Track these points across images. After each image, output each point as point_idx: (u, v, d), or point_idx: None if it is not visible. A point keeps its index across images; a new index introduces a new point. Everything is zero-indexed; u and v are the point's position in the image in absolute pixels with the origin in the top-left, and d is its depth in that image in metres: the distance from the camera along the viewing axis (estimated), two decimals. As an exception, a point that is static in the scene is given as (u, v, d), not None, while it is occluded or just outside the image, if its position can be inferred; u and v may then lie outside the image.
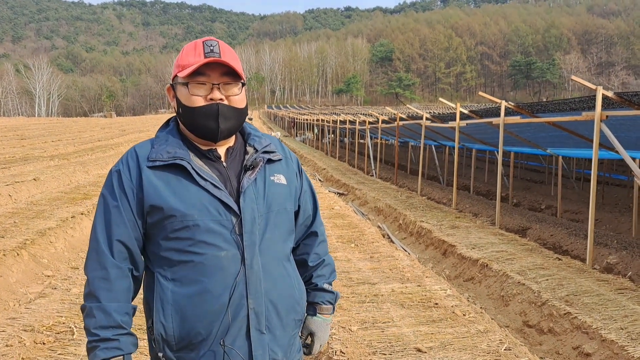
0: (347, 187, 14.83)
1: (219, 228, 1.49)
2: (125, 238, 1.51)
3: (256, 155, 1.60)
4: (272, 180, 1.61)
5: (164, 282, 1.50)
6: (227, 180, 1.55)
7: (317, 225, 1.81)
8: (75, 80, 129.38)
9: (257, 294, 1.51)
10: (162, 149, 1.54)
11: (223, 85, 1.55)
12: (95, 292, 1.47)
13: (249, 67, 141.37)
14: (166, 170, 1.51)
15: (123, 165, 1.55)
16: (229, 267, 1.49)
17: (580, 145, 9.37)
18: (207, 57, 1.52)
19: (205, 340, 1.49)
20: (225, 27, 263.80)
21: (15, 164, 14.36)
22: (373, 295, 4.79)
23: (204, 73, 1.53)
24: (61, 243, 6.91)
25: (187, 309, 1.48)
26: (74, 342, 3.67)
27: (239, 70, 1.55)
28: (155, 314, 1.50)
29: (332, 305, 1.82)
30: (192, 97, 1.54)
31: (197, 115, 1.54)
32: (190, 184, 1.50)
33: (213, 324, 1.48)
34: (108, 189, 1.55)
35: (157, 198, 1.50)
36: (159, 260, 1.53)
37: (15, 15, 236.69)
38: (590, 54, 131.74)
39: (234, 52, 1.60)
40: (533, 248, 7.14)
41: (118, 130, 37.75)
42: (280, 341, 1.57)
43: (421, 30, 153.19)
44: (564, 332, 4.63)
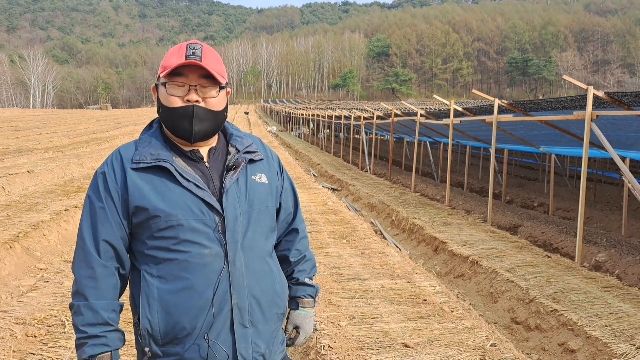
0: (340, 183, 14.88)
1: (202, 227, 1.55)
2: (111, 238, 1.56)
3: (238, 156, 1.65)
4: (254, 179, 1.66)
5: (150, 279, 1.55)
6: (209, 180, 1.60)
7: (297, 222, 1.87)
8: (71, 71, 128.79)
9: (240, 289, 1.56)
10: (146, 151, 1.59)
11: (200, 88, 1.58)
12: (82, 290, 1.53)
13: (245, 61, 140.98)
14: (150, 172, 1.56)
15: (108, 167, 1.59)
16: (213, 264, 1.54)
17: (572, 144, 9.44)
18: (188, 59, 1.56)
19: (190, 335, 1.54)
20: (222, 20, 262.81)
21: (9, 155, 14.33)
22: (363, 291, 4.84)
23: (182, 74, 1.57)
24: (54, 236, 6.94)
25: (172, 304, 1.53)
26: (65, 335, 3.71)
27: (215, 74, 1.58)
28: (142, 310, 1.55)
29: (313, 299, 1.89)
30: (169, 97, 1.58)
31: (173, 116, 1.58)
32: (173, 185, 1.55)
33: (197, 319, 1.53)
34: (93, 191, 1.60)
35: (141, 199, 1.55)
36: (144, 258, 1.58)
37: (10, 5, 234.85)
38: (587, 52, 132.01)
39: (217, 57, 1.63)
40: (523, 245, 7.21)
41: (113, 123, 37.63)
42: (263, 335, 1.63)
43: (418, 26, 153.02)
44: (551, 329, 4.70)
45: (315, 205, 9.54)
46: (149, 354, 1.57)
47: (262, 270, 1.64)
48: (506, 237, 7.75)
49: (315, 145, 30.58)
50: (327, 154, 25.07)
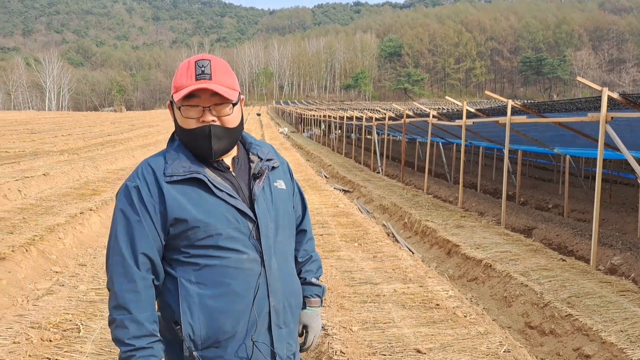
0: (352, 184, 14.85)
1: (238, 234, 1.61)
2: (149, 251, 1.59)
3: (261, 164, 1.72)
4: (276, 186, 1.74)
5: (189, 285, 1.60)
6: (238, 189, 1.66)
7: (305, 224, 1.95)
8: (86, 74, 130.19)
9: (277, 292, 1.65)
10: (177, 164, 1.63)
11: (214, 107, 1.61)
12: (125, 304, 1.56)
13: (257, 62, 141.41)
14: (184, 184, 1.61)
15: (140, 181, 1.62)
16: (252, 269, 1.62)
17: (587, 145, 9.34)
18: (198, 79, 1.59)
19: (231, 338, 1.60)
20: (235, 22, 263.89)
21: (25, 158, 14.53)
22: (375, 295, 4.83)
23: (195, 95, 1.60)
24: (70, 239, 7.02)
25: (214, 309, 1.58)
26: (80, 340, 3.75)
27: (227, 94, 1.60)
28: (183, 316, 1.59)
29: (320, 298, 1.94)
30: (185, 119, 1.63)
31: (192, 137, 1.63)
32: (208, 196, 1.61)
33: (239, 322, 1.60)
34: (127, 205, 1.61)
35: (180, 211, 1.58)
36: (182, 266, 1.62)
37: (25, 8, 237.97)
38: (602, 51, 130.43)
39: (227, 69, 1.65)
40: (538, 249, 7.14)
41: (128, 125, 37.97)
42: (294, 334, 1.75)
43: (431, 26, 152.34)
44: (565, 334, 4.65)
45: (327, 208, 9.54)
46: (191, 359, 1.59)
47: (290, 272, 1.75)
48: (520, 240, 7.68)
49: (326, 147, 30.57)
50: (339, 155, 25.05)
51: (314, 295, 1.91)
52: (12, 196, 9.26)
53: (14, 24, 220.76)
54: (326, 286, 5.04)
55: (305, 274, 1.91)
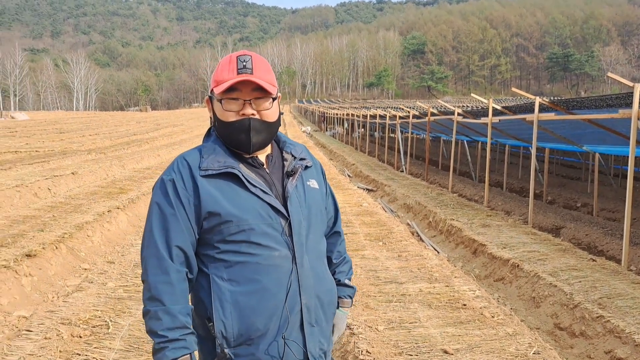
0: (376, 183, 14.78)
1: (271, 231, 1.62)
2: (183, 244, 1.60)
3: (295, 163, 1.73)
4: (309, 185, 1.75)
5: (221, 282, 1.60)
6: (272, 185, 1.67)
7: (338, 226, 1.97)
8: (112, 74, 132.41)
9: (308, 290, 1.65)
10: (212, 158, 1.64)
11: (254, 100, 1.64)
12: (159, 296, 1.56)
13: (280, 61, 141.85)
14: (219, 178, 1.62)
15: (176, 174, 1.63)
16: (283, 266, 1.62)
17: (618, 142, 9.11)
18: (240, 73, 1.62)
19: (263, 335, 1.60)
20: (257, 22, 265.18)
21: (54, 157, 14.83)
22: (400, 294, 4.79)
23: (236, 89, 1.63)
24: (98, 237, 7.13)
25: (246, 306, 1.58)
26: (109, 336, 3.80)
27: (268, 87, 1.63)
28: (215, 313, 1.59)
29: (351, 299, 1.95)
30: (225, 112, 1.65)
31: (231, 129, 1.65)
32: (241, 190, 1.62)
33: (271, 320, 1.60)
34: (163, 198, 1.63)
35: (214, 205, 1.59)
36: (214, 262, 1.62)
37: (54, 11, 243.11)
38: (631, 46, 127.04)
39: (267, 65, 1.68)
40: (566, 248, 7.00)
41: (153, 125, 38.48)
42: (325, 332, 1.73)
43: (455, 22, 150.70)
44: (596, 336, 4.55)
45: (351, 207, 9.51)
46: (222, 356, 1.59)
47: (322, 271, 1.73)
48: (548, 240, 7.54)
49: (349, 145, 30.50)
50: (362, 153, 24.97)
51: (346, 296, 1.92)
52: (42, 194, 9.46)
53: (43, 26, 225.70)
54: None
55: (339, 275, 1.91)
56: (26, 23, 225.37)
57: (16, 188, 9.10)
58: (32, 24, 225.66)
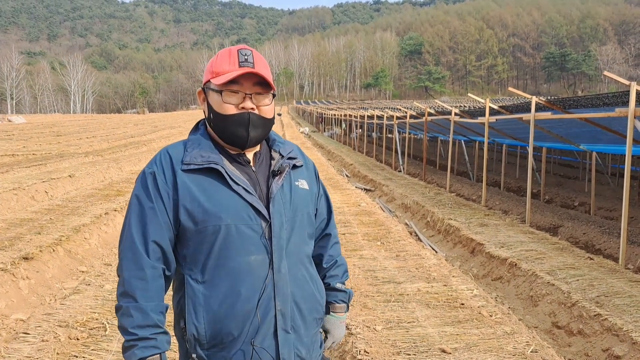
0: (374, 183, 14.79)
1: (249, 232, 1.55)
2: (160, 239, 1.55)
3: (282, 161, 1.67)
4: (297, 185, 1.68)
5: (195, 285, 1.55)
6: (256, 184, 1.61)
7: (330, 228, 1.89)
8: (109, 77, 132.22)
9: (284, 296, 1.58)
10: (196, 152, 1.58)
11: (255, 95, 1.60)
12: (131, 291, 1.51)
13: (277, 62, 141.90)
14: (200, 174, 1.56)
15: (157, 167, 1.58)
16: (258, 271, 1.55)
17: (615, 141, 9.14)
18: (242, 66, 1.58)
19: (236, 340, 1.55)
20: (255, 23, 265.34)
21: (51, 160, 14.81)
22: (398, 294, 4.79)
23: (237, 82, 1.59)
24: (95, 239, 7.12)
25: (218, 310, 1.54)
26: (107, 338, 3.80)
27: (271, 82, 1.61)
28: (188, 316, 1.56)
29: (346, 304, 1.88)
30: (224, 104, 1.59)
31: (229, 123, 1.59)
32: (223, 188, 1.56)
33: (244, 325, 1.54)
34: (142, 190, 1.58)
35: (191, 201, 1.54)
36: (189, 263, 1.58)
37: (50, 13, 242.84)
38: (628, 45, 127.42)
39: (266, 62, 1.65)
40: (564, 247, 7.01)
41: (150, 127, 38.44)
42: (304, 339, 1.65)
43: (451, 23, 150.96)
44: (594, 334, 4.55)
45: (349, 207, 9.51)
46: (194, 358, 1.57)
47: (304, 276, 1.66)
48: (546, 239, 7.55)
49: (347, 146, 30.52)
50: (360, 154, 24.98)
51: (339, 300, 1.86)
52: (39, 197, 9.45)
53: (39, 29, 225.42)
54: (349, 284, 5.02)
55: (330, 279, 1.85)
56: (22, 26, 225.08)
57: (13, 191, 9.09)
58: (29, 27, 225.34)
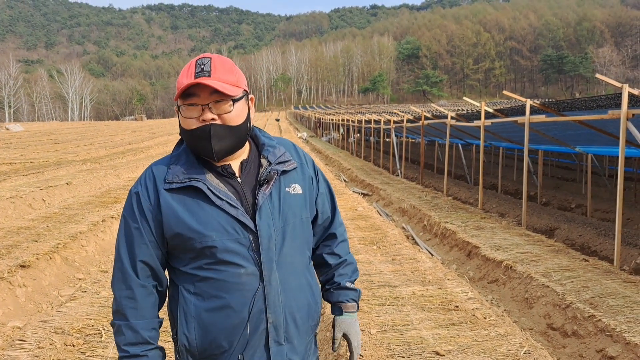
0: (371, 188, 14.82)
1: (236, 247, 1.54)
2: (148, 258, 1.57)
3: (270, 169, 1.61)
4: (288, 191, 1.62)
5: (187, 296, 1.56)
6: (242, 197, 1.57)
7: (335, 227, 1.84)
8: (107, 84, 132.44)
9: (276, 308, 1.56)
10: (178, 170, 1.57)
11: (214, 104, 1.53)
12: (122, 310, 1.55)
13: (275, 68, 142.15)
14: (182, 193, 1.55)
15: (141, 187, 1.59)
16: (248, 284, 1.54)
17: (610, 143, 9.18)
18: (198, 77, 1.52)
19: (226, 352, 1.55)
20: (252, 29, 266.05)
21: (48, 168, 14.83)
22: (393, 297, 4.82)
23: (193, 94, 1.53)
24: (92, 246, 7.14)
25: (209, 322, 1.54)
26: (102, 345, 3.82)
27: (224, 89, 1.52)
28: (179, 326, 1.57)
29: (356, 303, 1.86)
30: (185, 120, 1.56)
31: (192, 137, 1.56)
32: (206, 205, 1.54)
33: (234, 337, 1.54)
34: (128, 211, 1.59)
35: (175, 220, 1.54)
36: (182, 275, 1.59)
37: (48, 21, 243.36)
38: (625, 47, 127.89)
39: (229, 66, 1.58)
40: (559, 249, 7.04)
41: (148, 133, 38.48)
42: (298, 349, 1.63)
43: (448, 27, 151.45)
44: (588, 335, 4.58)
45: (345, 211, 9.54)
46: None
47: (298, 286, 1.63)
48: (541, 241, 7.58)
49: (345, 150, 30.57)
50: (358, 158, 25.03)
51: (350, 299, 1.83)
52: (36, 205, 9.46)
53: (37, 37, 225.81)
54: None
55: (339, 278, 1.82)
56: (20, 34, 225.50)
57: (10, 199, 9.10)
58: (26, 35, 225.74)
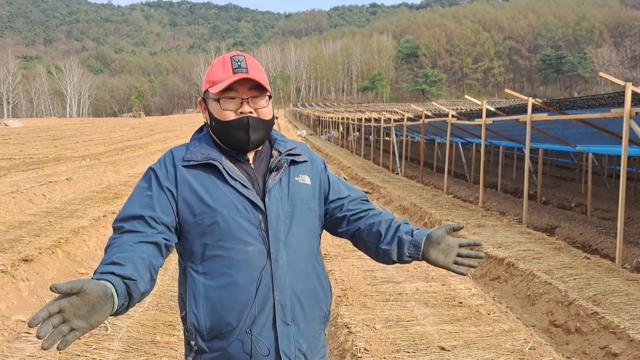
0: (371, 186, 14.83)
1: (246, 224, 1.61)
2: (152, 214, 1.57)
3: (280, 158, 1.71)
4: (297, 180, 1.71)
5: (195, 276, 1.61)
6: (254, 180, 1.67)
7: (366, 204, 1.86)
8: (105, 81, 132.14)
9: (283, 287, 1.61)
10: (197, 150, 1.67)
11: (251, 99, 1.66)
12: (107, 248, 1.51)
13: (274, 65, 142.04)
14: (199, 169, 1.64)
15: (160, 164, 1.68)
16: (256, 261, 1.59)
17: (610, 142, 9.20)
18: (236, 72, 1.64)
19: (234, 330, 1.58)
20: (251, 26, 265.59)
21: (48, 164, 14.80)
22: (397, 293, 4.83)
23: (233, 88, 1.65)
24: (94, 241, 7.14)
25: (217, 300, 1.58)
26: (108, 337, 3.82)
27: (265, 84, 1.66)
28: (188, 305, 1.61)
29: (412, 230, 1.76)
30: (223, 111, 1.66)
31: (229, 128, 1.66)
32: (221, 183, 1.63)
33: (242, 315, 1.58)
34: (145, 183, 1.66)
35: (190, 193, 1.62)
36: (190, 255, 1.63)
37: (47, 18, 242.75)
38: (624, 47, 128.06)
39: (259, 65, 1.71)
40: (561, 247, 7.06)
41: (147, 130, 38.44)
42: (305, 334, 1.66)
43: (448, 26, 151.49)
44: (591, 332, 4.59)
45: (347, 209, 9.53)
46: (195, 348, 1.62)
47: (305, 269, 1.68)
48: (543, 239, 7.59)
49: (345, 149, 30.57)
50: (357, 156, 25.03)
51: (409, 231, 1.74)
52: (37, 200, 9.45)
53: (35, 34, 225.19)
54: (349, 284, 5.06)
55: (399, 233, 1.74)
56: (19, 30, 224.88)
57: (11, 194, 9.09)
58: (25, 31, 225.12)
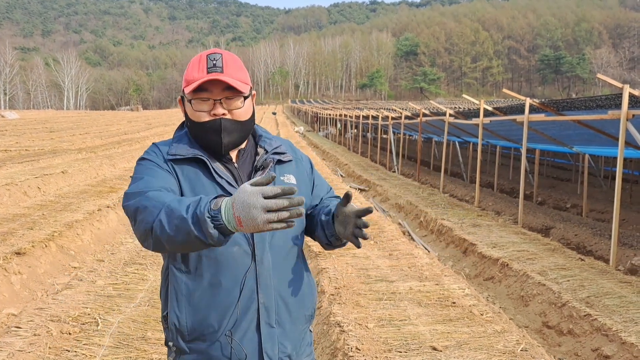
0: (368, 183, 14.82)
1: None
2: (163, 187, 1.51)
3: (266, 156, 1.66)
4: (282, 180, 1.65)
5: (178, 275, 1.57)
6: (239, 180, 1.62)
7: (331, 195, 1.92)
8: (103, 73, 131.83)
9: (267, 289, 1.57)
10: (182, 146, 1.62)
11: (225, 100, 1.58)
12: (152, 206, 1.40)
13: (273, 61, 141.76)
14: (185, 164, 1.59)
15: (150, 154, 1.63)
16: (241, 262, 1.55)
17: (607, 144, 9.20)
18: (210, 72, 1.56)
19: (216, 332, 1.55)
20: (250, 21, 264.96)
21: (44, 156, 14.74)
22: (391, 293, 4.81)
23: (206, 89, 1.57)
24: (88, 235, 7.10)
25: (199, 301, 1.54)
26: (99, 333, 3.80)
27: (238, 86, 1.57)
28: (170, 305, 1.57)
29: None
30: (196, 112, 1.60)
31: (202, 130, 1.60)
32: (206, 180, 1.58)
33: (224, 317, 1.54)
34: (141, 168, 1.59)
35: (174, 187, 1.55)
36: (173, 254, 1.58)
37: (45, 9, 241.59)
38: (622, 49, 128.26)
39: (239, 63, 1.63)
40: (555, 248, 7.06)
41: (144, 124, 38.34)
42: (290, 335, 1.63)
43: (447, 24, 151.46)
44: (584, 334, 4.59)
45: (343, 206, 9.52)
46: (174, 349, 1.58)
47: (289, 270, 1.65)
48: (538, 239, 7.60)
49: (342, 146, 30.54)
50: (355, 154, 25.01)
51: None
52: (31, 193, 9.40)
53: (33, 25, 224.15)
54: (342, 283, 5.05)
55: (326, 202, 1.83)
56: (17, 21, 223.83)
57: (6, 186, 9.04)
58: (23, 22, 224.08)
